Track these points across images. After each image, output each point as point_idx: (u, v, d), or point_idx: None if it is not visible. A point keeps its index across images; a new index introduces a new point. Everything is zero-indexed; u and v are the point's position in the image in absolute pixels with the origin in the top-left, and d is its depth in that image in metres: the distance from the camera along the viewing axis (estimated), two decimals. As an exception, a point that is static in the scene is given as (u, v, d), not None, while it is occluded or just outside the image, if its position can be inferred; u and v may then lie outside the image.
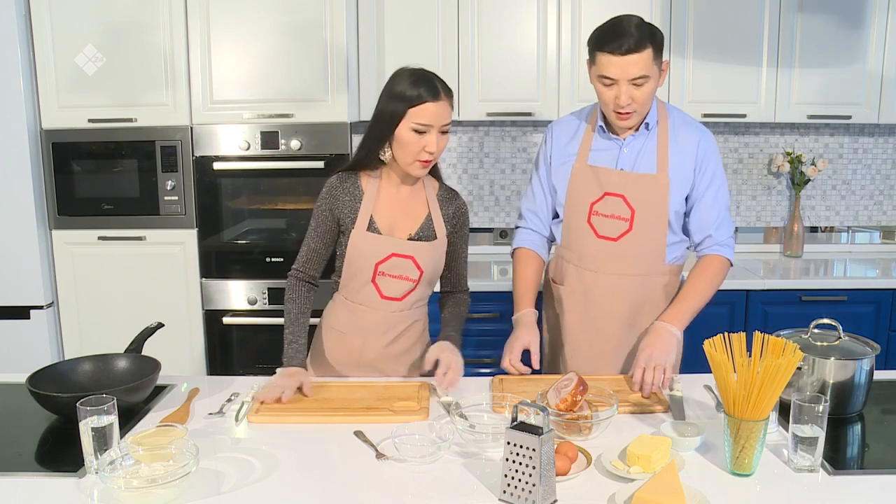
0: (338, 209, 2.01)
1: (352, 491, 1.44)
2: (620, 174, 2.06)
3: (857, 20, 3.26)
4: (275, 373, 1.91)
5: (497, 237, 3.70)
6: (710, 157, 2.08)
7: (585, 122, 2.15)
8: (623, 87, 1.94)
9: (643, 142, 2.07)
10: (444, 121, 1.90)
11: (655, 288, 2.12)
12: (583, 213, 2.10)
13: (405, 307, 2.05)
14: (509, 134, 3.68)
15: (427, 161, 1.92)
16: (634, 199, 2.05)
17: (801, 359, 1.54)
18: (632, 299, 2.10)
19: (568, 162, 2.13)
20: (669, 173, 2.05)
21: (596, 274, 2.12)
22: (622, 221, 2.07)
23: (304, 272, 2.05)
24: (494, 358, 3.12)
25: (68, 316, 3.20)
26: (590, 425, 1.64)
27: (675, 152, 2.06)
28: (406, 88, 1.88)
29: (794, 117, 3.35)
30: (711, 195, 2.08)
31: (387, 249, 1.99)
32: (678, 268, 2.17)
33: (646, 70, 1.92)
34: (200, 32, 3.01)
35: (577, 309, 2.16)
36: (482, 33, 3.24)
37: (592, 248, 2.11)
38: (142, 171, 3.10)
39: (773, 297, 3.15)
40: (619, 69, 1.92)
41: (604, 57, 1.93)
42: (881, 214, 3.81)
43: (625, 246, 2.08)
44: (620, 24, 1.93)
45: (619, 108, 1.97)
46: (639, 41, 1.90)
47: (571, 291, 2.17)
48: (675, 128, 2.08)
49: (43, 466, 1.56)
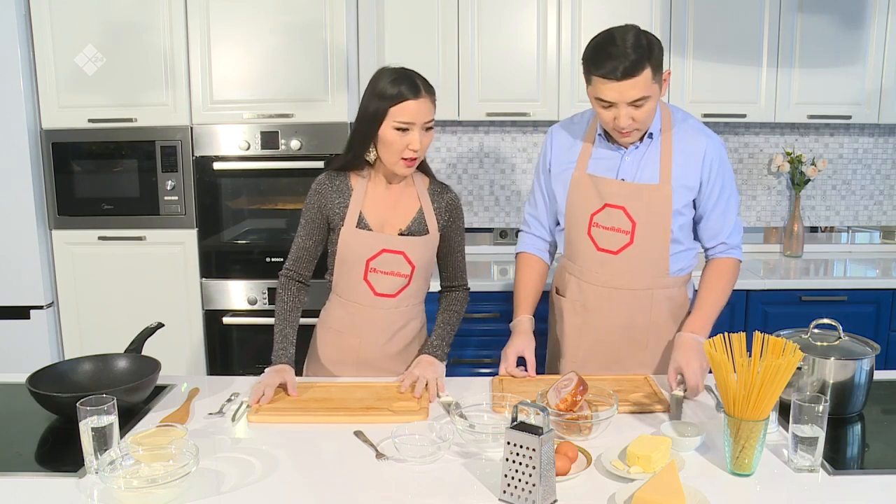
0: (327, 207, 2.01)
1: (352, 491, 1.44)
2: (621, 185, 1.99)
3: (857, 20, 3.26)
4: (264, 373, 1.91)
5: (497, 237, 3.70)
6: (719, 166, 1.99)
7: (586, 128, 2.08)
8: (622, 110, 1.85)
9: (645, 150, 2.00)
10: (426, 118, 1.90)
11: (659, 301, 2.05)
12: (583, 225, 2.05)
13: (400, 304, 2.05)
14: (509, 134, 3.68)
15: (412, 159, 1.92)
16: (635, 210, 1.98)
17: (801, 359, 1.54)
18: (633, 314, 2.05)
19: (568, 169, 2.07)
20: (673, 183, 1.97)
21: (596, 287, 2.07)
22: (623, 234, 2.00)
23: (295, 271, 2.06)
24: (494, 358, 3.11)
25: (68, 316, 3.20)
26: (590, 425, 1.63)
27: (679, 161, 1.98)
28: (386, 88, 1.88)
29: (794, 117, 3.35)
30: (723, 204, 2.02)
31: (377, 245, 1.99)
32: (684, 279, 2.10)
33: (645, 91, 1.82)
34: (200, 32, 3.01)
35: (577, 321, 2.12)
36: (482, 33, 3.24)
37: (592, 260, 2.05)
38: (142, 171, 3.10)
39: (773, 297, 3.15)
40: (616, 94, 1.82)
41: (599, 81, 1.83)
42: (881, 214, 3.81)
43: (625, 259, 2.02)
44: (614, 43, 1.80)
45: (620, 129, 1.90)
46: (635, 63, 1.78)
47: (572, 303, 2.12)
48: (680, 135, 2.00)
49: (43, 466, 1.56)
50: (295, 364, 1.95)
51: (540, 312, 2.17)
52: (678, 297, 2.09)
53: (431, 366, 1.96)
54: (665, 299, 2.07)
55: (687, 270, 2.11)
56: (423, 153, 1.95)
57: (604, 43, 1.84)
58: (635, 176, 2.00)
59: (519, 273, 2.19)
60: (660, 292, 2.05)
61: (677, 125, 2.02)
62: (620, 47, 1.80)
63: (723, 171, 2.01)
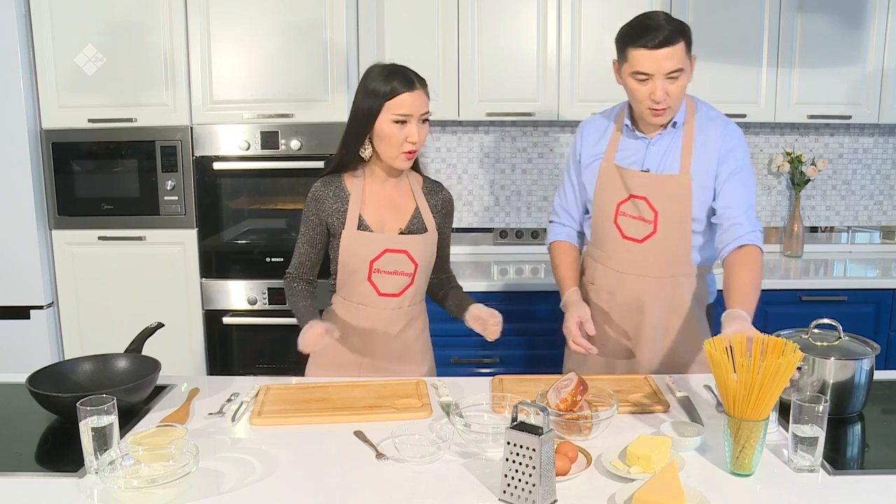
0: (325, 213, 2.02)
1: (352, 491, 1.44)
2: (644, 176, 2.05)
3: (857, 20, 3.26)
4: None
5: (497, 237, 3.69)
6: (735, 148, 2.02)
7: (613, 122, 2.14)
8: (658, 83, 1.91)
9: (670, 141, 2.05)
10: (422, 109, 1.93)
11: (681, 288, 2.10)
12: (609, 214, 2.10)
13: (403, 304, 2.06)
14: (509, 134, 3.68)
15: (411, 152, 1.95)
16: (657, 200, 2.03)
17: (801, 359, 1.54)
18: (657, 301, 2.10)
19: (596, 160, 2.12)
20: (692, 173, 2.02)
21: (620, 274, 2.12)
22: (647, 224, 2.06)
23: (299, 275, 2.08)
24: (494, 358, 3.13)
25: (68, 316, 3.20)
26: (590, 425, 1.64)
27: (699, 150, 2.03)
28: (380, 85, 1.91)
29: (794, 117, 3.35)
30: (740, 181, 1.99)
31: (380, 246, 2.00)
32: (707, 269, 2.15)
33: (680, 63, 1.90)
34: (200, 32, 3.01)
35: (604, 309, 2.16)
36: (482, 33, 3.24)
37: (619, 248, 2.11)
38: (142, 171, 3.10)
39: (773, 297, 3.15)
40: (654, 63, 1.89)
41: (637, 52, 1.90)
42: (881, 214, 3.81)
43: (650, 248, 2.07)
44: (650, 19, 1.91)
45: (655, 104, 1.94)
46: (672, 34, 1.88)
47: (599, 291, 2.17)
48: (701, 124, 2.05)
49: (43, 466, 1.56)
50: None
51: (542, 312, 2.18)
52: (700, 286, 2.14)
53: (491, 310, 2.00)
54: (688, 286, 2.11)
55: (710, 261, 2.15)
56: (421, 145, 1.97)
57: (639, 19, 1.94)
58: (659, 166, 2.05)
59: (555, 260, 2.23)
60: (682, 279, 2.10)
61: (699, 114, 2.07)
62: (655, 21, 1.90)
63: (739, 153, 2.03)
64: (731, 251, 1.96)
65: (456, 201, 3.68)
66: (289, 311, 3.13)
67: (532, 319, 3.10)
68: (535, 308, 3.10)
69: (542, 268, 3.35)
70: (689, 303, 2.11)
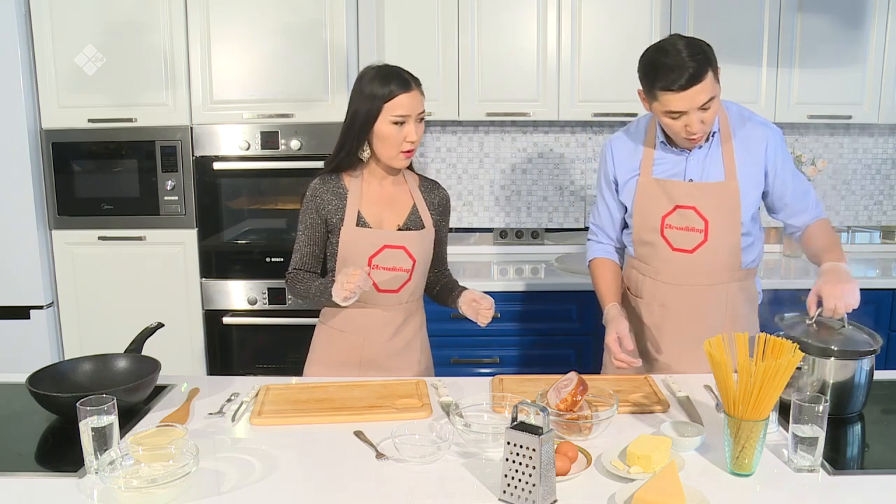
0: (324, 210, 2.03)
1: (352, 491, 1.44)
2: (690, 185, 2.04)
3: (857, 20, 3.26)
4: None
5: (497, 237, 3.69)
6: (783, 153, 2.06)
7: (644, 134, 2.12)
8: (693, 116, 1.89)
9: (708, 149, 2.04)
10: (418, 109, 1.96)
11: (734, 294, 2.11)
12: (655, 227, 2.09)
13: (402, 300, 2.07)
14: (509, 134, 3.68)
15: (409, 151, 1.98)
16: (706, 209, 2.03)
17: (801, 359, 1.54)
18: (710, 308, 2.10)
19: (633, 177, 2.11)
20: (739, 178, 2.02)
21: (673, 286, 2.11)
22: (697, 233, 2.05)
23: (301, 271, 2.08)
24: (494, 358, 3.13)
25: (68, 316, 3.20)
26: (590, 425, 1.64)
27: (741, 154, 2.03)
28: (376, 87, 1.93)
29: (794, 117, 3.35)
30: (800, 184, 2.09)
31: (379, 242, 2.01)
32: (754, 271, 2.17)
33: (711, 92, 1.87)
34: (200, 32, 3.01)
35: (655, 321, 2.16)
36: (482, 33, 3.24)
37: (668, 261, 2.10)
38: (142, 171, 3.10)
39: (773, 297, 3.14)
40: (685, 102, 1.86)
41: (667, 95, 1.87)
42: (881, 214, 3.81)
43: (701, 257, 2.06)
44: (669, 55, 1.85)
45: (692, 135, 1.94)
46: (698, 69, 1.83)
47: (649, 303, 2.16)
48: (736, 127, 2.05)
49: (43, 466, 1.56)
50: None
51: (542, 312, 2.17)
52: (751, 289, 2.16)
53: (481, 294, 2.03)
54: (739, 291, 2.12)
55: (756, 262, 2.17)
56: (418, 144, 2.00)
57: (659, 56, 1.88)
58: (702, 175, 2.05)
59: (596, 276, 2.23)
60: (734, 285, 2.11)
61: (734, 119, 2.07)
62: (676, 56, 1.84)
63: (785, 157, 2.08)
64: (803, 233, 2.12)
65: (456, 201, 3.69)
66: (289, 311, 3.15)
67: (532, 319, 3.10)
68: (536, 308, 3.10)
69: (542, 268, 3.35)
70: (742, 306, 2.12)
